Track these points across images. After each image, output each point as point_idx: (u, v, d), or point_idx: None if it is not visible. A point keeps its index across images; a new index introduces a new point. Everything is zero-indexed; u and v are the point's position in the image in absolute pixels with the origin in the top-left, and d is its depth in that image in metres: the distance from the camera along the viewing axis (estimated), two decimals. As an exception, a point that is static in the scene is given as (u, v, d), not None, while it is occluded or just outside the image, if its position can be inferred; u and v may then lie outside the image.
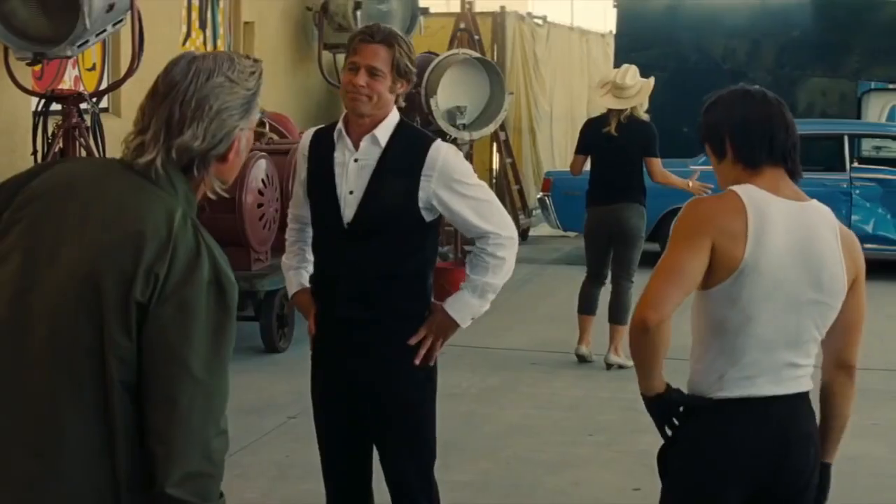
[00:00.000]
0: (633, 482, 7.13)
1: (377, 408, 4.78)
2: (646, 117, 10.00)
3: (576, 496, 7.04)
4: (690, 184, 9.91)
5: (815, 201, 3.86)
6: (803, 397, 3.82)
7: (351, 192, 4.67)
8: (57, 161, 3.14)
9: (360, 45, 4.65)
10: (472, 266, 4.78)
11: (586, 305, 10.21)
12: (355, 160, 4.69)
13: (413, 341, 4.71)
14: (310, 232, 5.00)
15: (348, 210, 4.68)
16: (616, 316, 9.98)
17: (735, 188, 3.74)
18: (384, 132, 4.69)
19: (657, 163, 9.90)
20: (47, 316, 2.81)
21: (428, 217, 4.70)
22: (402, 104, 4.86)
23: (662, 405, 3.82)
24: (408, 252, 4.72)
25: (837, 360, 3.90)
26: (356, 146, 4.70)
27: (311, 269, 5.03)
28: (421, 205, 4.65)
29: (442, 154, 4.67)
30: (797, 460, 3.82)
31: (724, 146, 3.81)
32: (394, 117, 4.74)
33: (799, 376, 3.80)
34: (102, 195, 2.89)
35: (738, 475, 3.76)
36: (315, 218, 4.86)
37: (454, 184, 4.66)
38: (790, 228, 3.71)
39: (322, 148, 4.80)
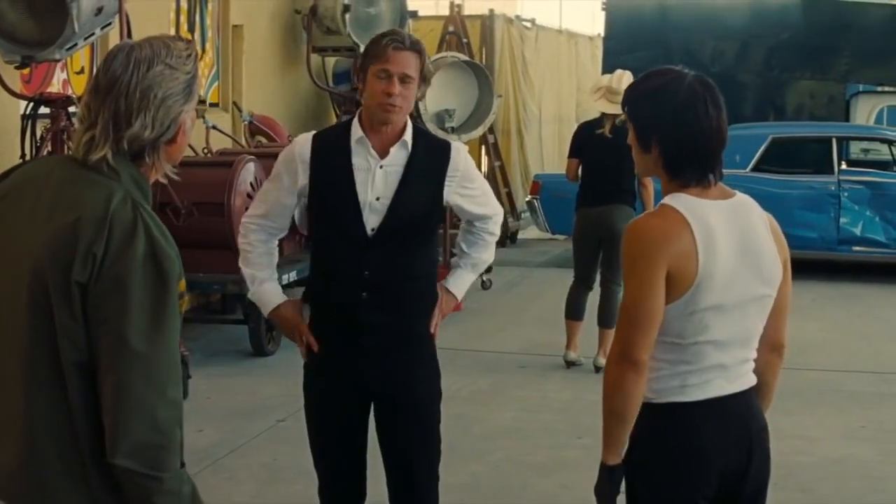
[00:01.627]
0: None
1: (390, 409, 4.78)
2: None
3: (565, 499, 7.04)
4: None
5: (739, 194, 3.78)
6: (753, 391, 3.82)
7: (378, 199, 4.63)
8: (21, 163, 3.21)
9: (393, 52, 4.57)
10: (469, 244, 4.98)
11: (574, 311, 10.20)
12: (381, 167, 4.66)
13: (434, 328, 4.85)
14: (276, 243, 4.96)
15: (374, 217, 4.63)
16: (605, 320, 9.96)
17: (670, 202, 3.64)
18: (409, 138, 4.72)
19: None
20: (6, 313, 2.93)
21: (443, 215, 4.88)
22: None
23: (620, 475, 3.78)
24: (422, 254, 4.76)
25: (771, 343, 3.87)
26: (382, 153, 4.66)
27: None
28: (445, 205, 4.80)
29: (462, 156, 4.79)
30: (760, 455, 3.81)
31: (650, 145, 3.69)
32: (410, 123, 4.77)
33: (748, 371, 3.80)
34: (48, 191, 2.97)
35: (709, 478, 3.72)
36: (328, 226, 4.76)
37: (468, 184, 4.83)
38: (730, 230, 3.65)
39: (331, 154, 4.70)
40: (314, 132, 4.89)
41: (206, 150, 11.17)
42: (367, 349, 4.69)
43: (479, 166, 17.88)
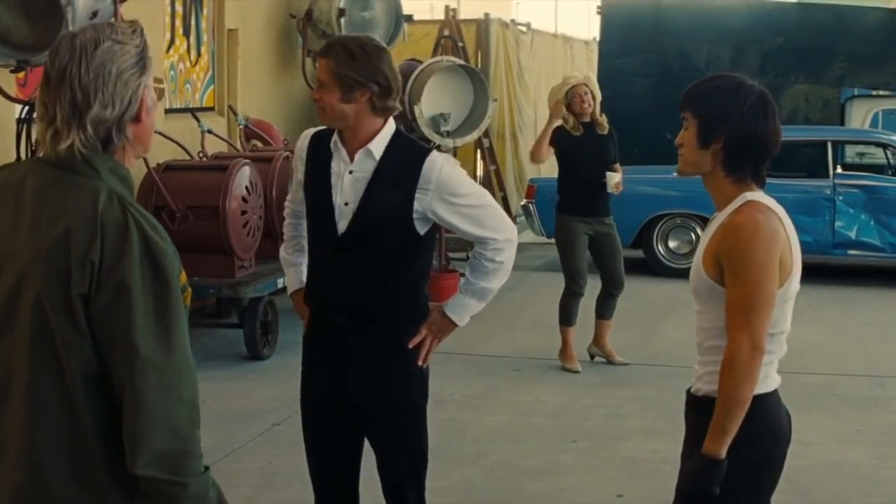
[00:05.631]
0: (617, 489, 7.14)
1: (370, 413, 4.78)
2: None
3: (559, 503, 7.05)
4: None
5: None
6: None
7: (346, 204, 4.65)
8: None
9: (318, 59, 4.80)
10: (472, 269, 4.83)
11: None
12: (350, 172, 4.67)
13: (413, 344, 4.73)
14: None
15: (342, 221, 4.65)
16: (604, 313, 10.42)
17: (755, 198, 3.83)
18: (378, 145, 4.66)
19: None
20: (2, 333, 2.85)
21: (422, 229, 4.67)
22: (398, 109, 4.79)
23: (724, 469, 3.78)
24: (400, 263, 4.71)
25: None
26: (351, 158, 4.68)
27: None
28: (415, 216, 4.62)
29: (437, 167, 4.63)
30: None
31: (712, 141, 3.85)
32: (389, 129, 4.71)
33: None
34: (26, 201, 2.87)
35: (782, 464, 3.93)
36: (310, 225, 4.86)
37: (450, 197, 4.64)
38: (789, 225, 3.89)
39: (320, 153, 4.79)
40: (317, 129, 4.96)
41: (201, 154, 11.16)
42: (349, 350, 4.71)
43: (474, 170, 17.85)
